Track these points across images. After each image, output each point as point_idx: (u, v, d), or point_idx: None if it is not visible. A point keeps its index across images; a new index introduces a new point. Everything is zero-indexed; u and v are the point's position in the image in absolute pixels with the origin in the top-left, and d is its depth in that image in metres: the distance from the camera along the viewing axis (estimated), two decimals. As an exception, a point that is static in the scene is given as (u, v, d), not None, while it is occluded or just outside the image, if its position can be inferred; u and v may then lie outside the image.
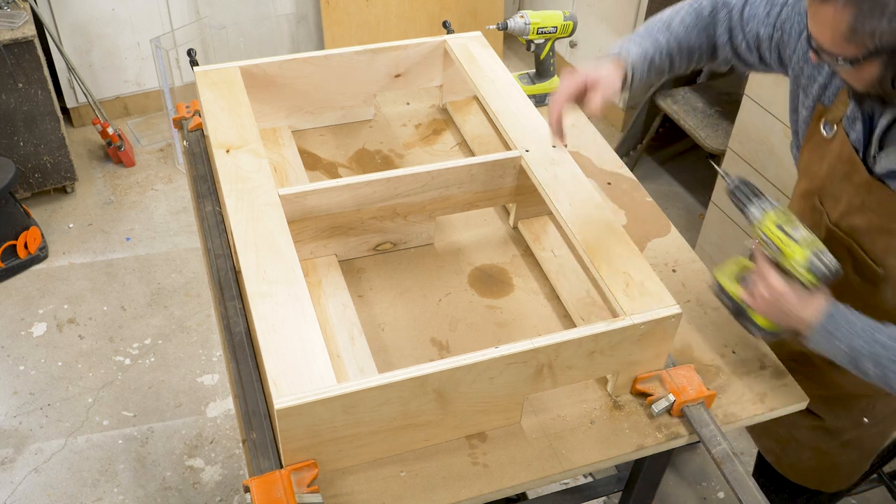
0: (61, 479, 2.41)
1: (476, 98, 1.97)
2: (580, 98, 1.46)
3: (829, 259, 1.23)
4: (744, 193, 1.29)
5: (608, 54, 1.51)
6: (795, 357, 1.50)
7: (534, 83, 2.00)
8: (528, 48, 1.96)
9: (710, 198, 2.87)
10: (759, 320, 1.35)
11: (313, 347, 1.19)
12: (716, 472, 2.47)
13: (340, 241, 1.56)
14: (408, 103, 2.03)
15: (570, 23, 1.91)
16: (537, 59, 1.97)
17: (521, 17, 1.92)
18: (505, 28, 1.92)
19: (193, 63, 1.80)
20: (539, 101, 2.02)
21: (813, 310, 1.25)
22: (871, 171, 1.29)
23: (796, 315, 1.27)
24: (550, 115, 1.50)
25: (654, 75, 1.54)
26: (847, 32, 1.09)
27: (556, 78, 2.01)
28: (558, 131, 1.52)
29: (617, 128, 3.80)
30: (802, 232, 1.24)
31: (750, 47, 1.46)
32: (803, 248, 1.23)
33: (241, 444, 1.93)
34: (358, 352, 1.40)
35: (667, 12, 1.55)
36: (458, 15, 3.86)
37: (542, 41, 1.94)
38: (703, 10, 1.51)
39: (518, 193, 1.63)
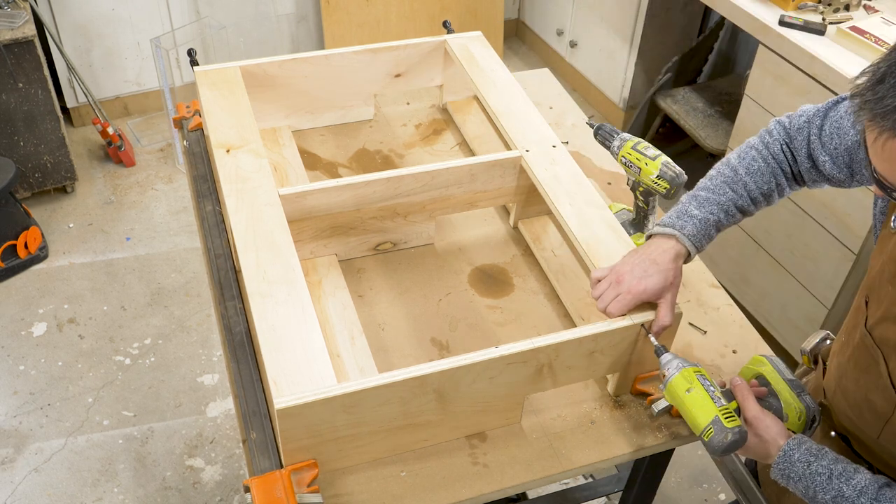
0: (61, 479, 2.41)
1: (476, 98, 1.97)
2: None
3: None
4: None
5: (661, 226, 1.35)
6: None
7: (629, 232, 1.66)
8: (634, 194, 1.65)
9: (710, 198, 2.87)
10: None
11: (313, 347, 1.19)
12: (716, 473, 2.47)
13: (340, 241, 1.56)
14: (408, 103, 2.03)
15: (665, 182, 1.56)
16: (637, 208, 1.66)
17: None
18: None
19: (193, 63, 1.80)
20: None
21: (774, 441, 1.20)
22: None
23: (765, 445, 1.21)
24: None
25: (725, 228, 1.39)
26: None
27: (640, 235, 1.65)
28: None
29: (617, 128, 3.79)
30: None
31: (837, 164, 1.30)
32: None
33: (241, 444, 1.93)
34: (358, 352, 1.40)
35: (734, 157, 1.38)
36: (458, 15, 3.86)
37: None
38: (773, 147, 1.36)
39: (518, 193, 1.63)
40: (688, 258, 1.34)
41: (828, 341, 1.42)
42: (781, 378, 1.28)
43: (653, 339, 1.27)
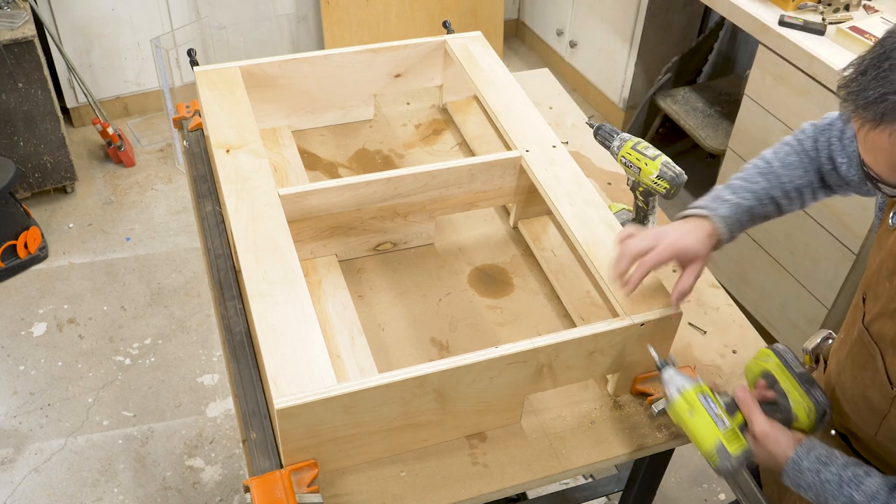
0: (61, 479, 2.40)
1: (476, 98, 1.97)
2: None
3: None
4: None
5: (693, 208, 1.33)
6: None
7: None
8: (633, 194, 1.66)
9: (710, 198, 2.87)
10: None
11: (313, 347, 1.19)
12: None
13: (340, 241, 1.56)
14: (408, 103, 2.03)
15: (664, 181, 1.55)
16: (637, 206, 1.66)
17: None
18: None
19: (193, 63, 1.80)
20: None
21: (783, 453, 1.19)
22: None
23: (774, 457, 1.20)
24: (629, 276, 1.30)
25: (758, 222, 1.37)
26: None
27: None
28: (629, 287, 1.32)
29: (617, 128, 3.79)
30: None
31: (853, 166, 1.29)
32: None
33: (241, 444, 1.93)
34: (358, 352, 1.40)
35: (768, 152, 1.38)
36: (458, 15, 3.86)
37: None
38: (806, 143, 1.35)
39: (518, 193, 1.63)
40: (718, 244, 1.32)
41: (829, 340, 1.42)
42: (789, 373, 1.25)
43: (653, 352, 1.26)
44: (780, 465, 1.18)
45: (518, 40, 4.43)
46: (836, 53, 2.26)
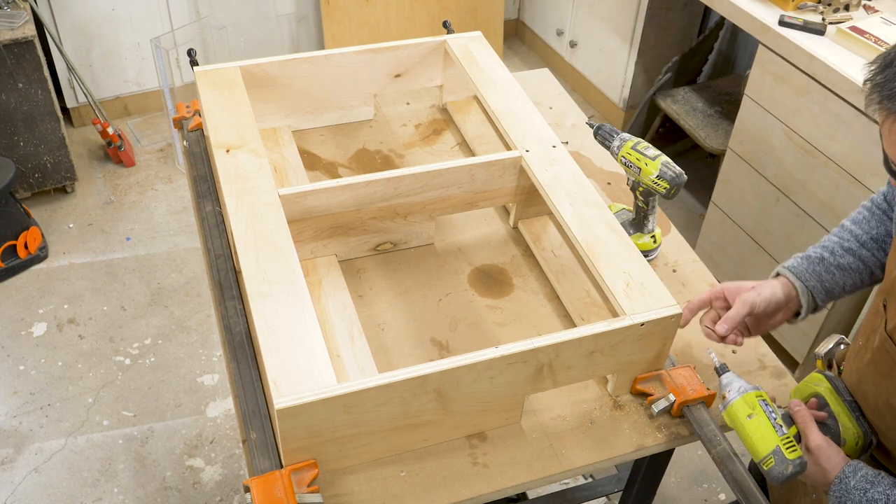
0: (61, 479, 2.41)
1: (476, 98, 1.97)
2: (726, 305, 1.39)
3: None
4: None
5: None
6: None
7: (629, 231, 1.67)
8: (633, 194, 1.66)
9: (710, 198, 2.88)
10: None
11: (313, 347, 1.19)
12: (716, 473, 2.47)
13: (340, 241, 1.56)
14: (408, 103, 2.03)
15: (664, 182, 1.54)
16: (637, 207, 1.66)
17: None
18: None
19: (193, 63, 1.80)
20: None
21: (833, 469, 1.18)
22: None
23: (824, 472, 1.19)
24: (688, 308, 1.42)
25: (846, 276, 1.37)
26: None
27: (640, 235, 1.66)
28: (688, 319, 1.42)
29: (617, 128, 3.79)
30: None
31: None
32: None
33: (241, 444, 1.93)
34: (358, 352, 1.40)
35: (846, 218, 1.42)
36: (458, 15, 3.86)
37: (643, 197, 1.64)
38: (876, 199, 1.38)
39: (518, 193, 1.63)
40: (792, 291, 1.35)
41: (842, 346, 1.42)
42: (840, 399, 1.24)
43: (713, 355, 1.27)
44: (828, 480, 1.17)
45: (518, 40, 4.44)
46: (836, 53, 2.26)
